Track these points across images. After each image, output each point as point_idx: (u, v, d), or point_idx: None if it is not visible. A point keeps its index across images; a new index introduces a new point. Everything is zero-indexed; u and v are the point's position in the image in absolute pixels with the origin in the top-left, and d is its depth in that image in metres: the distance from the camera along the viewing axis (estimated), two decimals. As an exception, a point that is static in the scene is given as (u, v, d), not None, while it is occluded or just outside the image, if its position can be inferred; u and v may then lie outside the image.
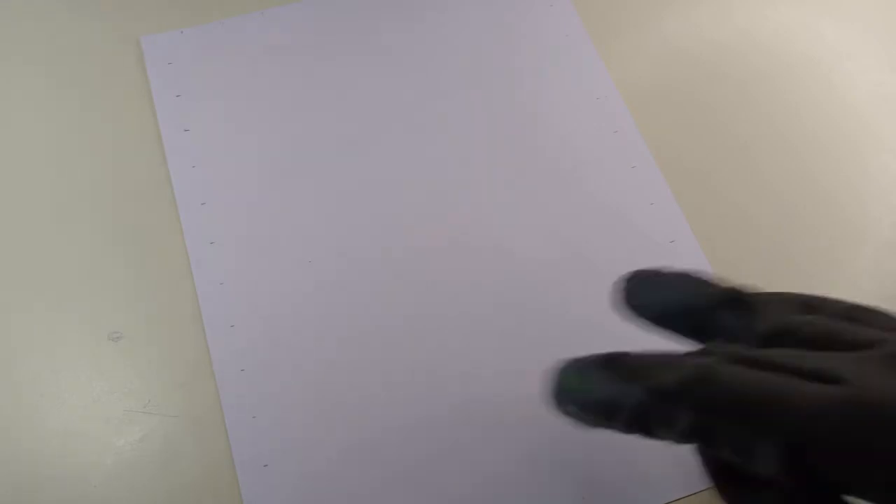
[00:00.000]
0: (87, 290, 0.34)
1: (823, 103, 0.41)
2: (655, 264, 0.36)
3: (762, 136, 0.40)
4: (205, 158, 0.37)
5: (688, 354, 0.21)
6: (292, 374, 0.32)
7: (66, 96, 0.38)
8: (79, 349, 0.33)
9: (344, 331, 0.33)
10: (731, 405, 0.19)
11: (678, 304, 0.23)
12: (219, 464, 0.31)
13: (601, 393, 0.21)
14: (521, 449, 0.31)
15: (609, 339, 0.29)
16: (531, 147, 0.38)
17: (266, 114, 0.38)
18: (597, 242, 0.36)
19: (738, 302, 0.22)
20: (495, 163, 0.38)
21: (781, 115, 0.41)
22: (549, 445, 0.31)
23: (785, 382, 0.19)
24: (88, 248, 0.35)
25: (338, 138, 0.38)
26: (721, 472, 0.22)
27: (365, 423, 0.32)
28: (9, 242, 0.34)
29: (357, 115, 0.39)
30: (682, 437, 0.20)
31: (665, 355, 0.21)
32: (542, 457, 0.31)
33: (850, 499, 0.19)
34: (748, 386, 0.19)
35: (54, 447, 0.31)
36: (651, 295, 0.24)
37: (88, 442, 0.31)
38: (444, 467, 0.31)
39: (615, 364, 0.21)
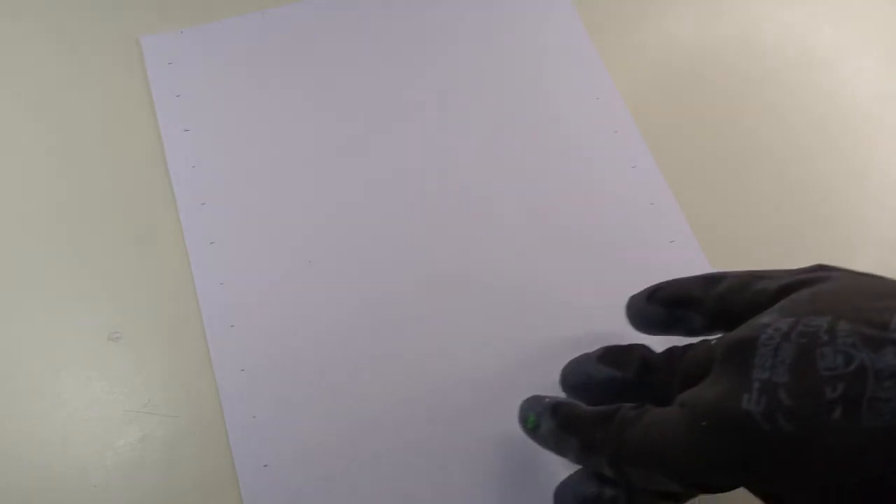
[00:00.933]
0: (87, 290, 0.34)
1: (824, 103, 0.41)
2: (656, 264, 0.36)
3: (762, 135, 0.40)
4: (205, 158, 0.37)
5: (614, 407, 0.25)
6: (292, 373, 0.32)
7: (66, 96, 0.38)
8: (79, 349, 0.32)
9: (344, 330, 0.33)
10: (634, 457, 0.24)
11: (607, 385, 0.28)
12: (219, 464, 0.31)
13: (547, 436, 0.26)
14: (525, 453, 0.31)
15: (610, 338, 0.30)
16: (531, 147, 0.38)
17: (266, 114, 0.38)
18: (597, 242, 0.36)
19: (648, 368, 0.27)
20: (495, 163, 0.38)
21: (782, 114, 0.41)
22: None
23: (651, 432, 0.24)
24: (88, 248, 0.34)
25: (337, 138, 0.38)
26: None
27: (366, 422, 0.32)
28: (8, 242, 0.34)
29: (356, 115, 0.39)
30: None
31: (597, 412, 0.25)
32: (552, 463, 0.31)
33: None
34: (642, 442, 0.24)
35: (54, 447, 0.31)
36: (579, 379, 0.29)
37: (88, 442, 0.31)
38: (445, 466, 0.31)
39: (558, 413, 0.26)
